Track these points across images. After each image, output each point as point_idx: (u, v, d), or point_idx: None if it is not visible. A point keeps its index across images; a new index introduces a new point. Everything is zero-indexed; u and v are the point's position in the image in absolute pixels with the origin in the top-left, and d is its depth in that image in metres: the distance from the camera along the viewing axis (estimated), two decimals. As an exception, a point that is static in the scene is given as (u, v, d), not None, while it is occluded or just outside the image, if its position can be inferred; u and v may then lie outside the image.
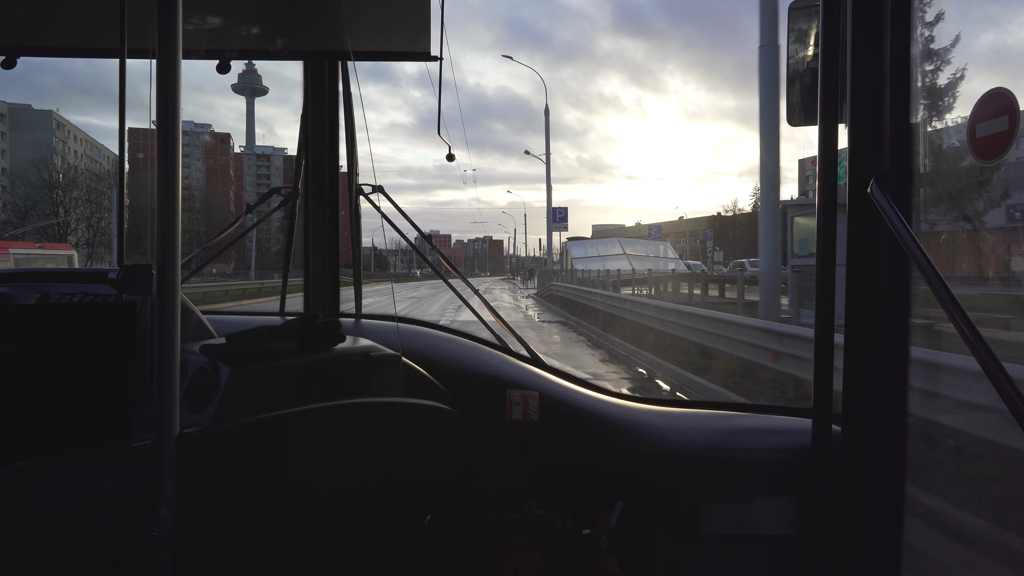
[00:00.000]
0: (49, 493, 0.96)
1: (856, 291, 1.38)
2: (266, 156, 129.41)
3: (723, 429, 1.69)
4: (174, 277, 0.97)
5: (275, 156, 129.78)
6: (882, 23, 1.33)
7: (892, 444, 1.37)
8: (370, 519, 1.31)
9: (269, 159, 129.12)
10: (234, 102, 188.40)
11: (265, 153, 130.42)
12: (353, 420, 1.29)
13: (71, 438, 0.98)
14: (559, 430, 1.68)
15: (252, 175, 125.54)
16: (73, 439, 0.98)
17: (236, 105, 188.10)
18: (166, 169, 0.96)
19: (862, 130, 1.36)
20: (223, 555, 1.10)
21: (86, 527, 0.97)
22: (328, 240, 2.08)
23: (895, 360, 1.36)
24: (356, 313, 2.09)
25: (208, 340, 1.35)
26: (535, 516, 1.67)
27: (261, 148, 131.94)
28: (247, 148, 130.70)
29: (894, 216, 1.21)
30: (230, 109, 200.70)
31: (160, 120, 0.97)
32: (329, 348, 1.39)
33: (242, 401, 1.17)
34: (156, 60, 0.97)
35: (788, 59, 1.60)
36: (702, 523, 1.56)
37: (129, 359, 1.00)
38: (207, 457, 1.06)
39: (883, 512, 1.38)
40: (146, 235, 0.97)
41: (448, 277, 2.27)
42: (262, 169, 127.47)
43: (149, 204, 0.96)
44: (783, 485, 1.55)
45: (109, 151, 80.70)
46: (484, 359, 1.82)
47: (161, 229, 0.96)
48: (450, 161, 2.00)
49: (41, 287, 1.51)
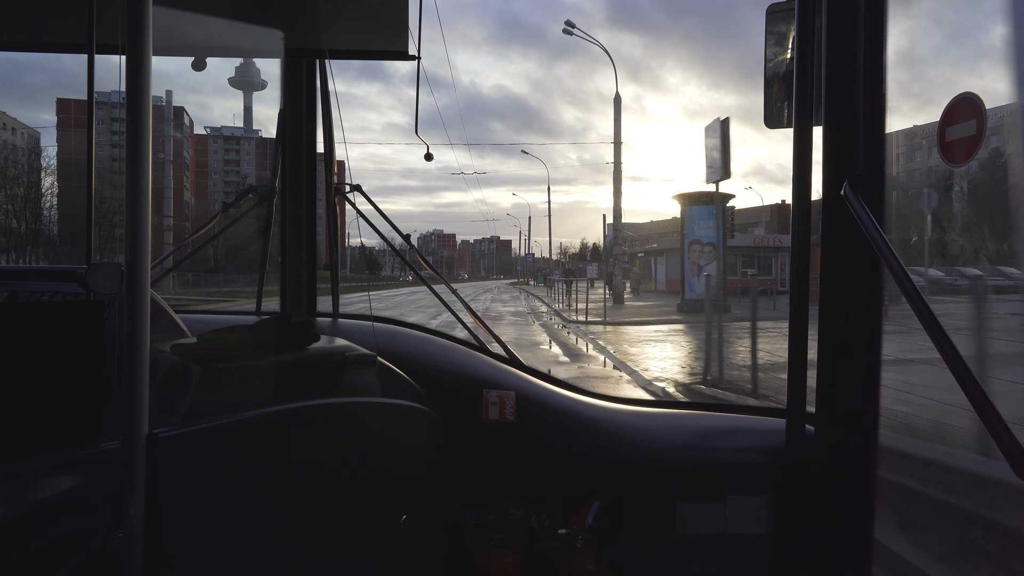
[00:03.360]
0: (15, 495, 0.94)
1: (829, 292, 1.40)
2: (235, 139, 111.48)
3: (699, 429, 1.70)
4: (144, 275, 0.96)
5: (246, 140, 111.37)
6: (856, 26, 1.35)
7: (864, 443, 1.39)
8: (345, 520, 1.30)
9: (239, 142, 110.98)
10: (231, 100, 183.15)
11: (234, 135, 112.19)
12: (328, 420, 1.28)
13: (38, 439, 0.96)
14: (536, 430, 1.68)
15: (219, 160, 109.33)
16: (41, 440, 0.96)
17: (234, 105, 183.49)
18: (136, 167, 0.95)
19: (836, 133, 1.38)
20: (194, 557, 1.08)
21: (53, 529, 0.95)
22: (305, 239, 2.06)
23: (867, 360, 1.38)
24: (333, 313, 2.08)
25: (180, 339, 1.33)
26: (512, 516, 1.67)
27: (230, 130, 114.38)
28: (213, 129, 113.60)
29: (866, 219, 1.23)
30: (226, 110, 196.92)
31: (130, 118, 0.95)
32: (303, 348, 1.37)
33: (213, 401, 1.16)
34: (126, 56, 0.95)
35: (766, 62, 1.62)
36: (677, 523, 1.57)
37: (97, 358, 0.98)
38: (177, 457, 1.05)
39: (855, 511, 1.40)
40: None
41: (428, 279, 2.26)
42: (230, 154, 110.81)
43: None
44: (757, 485, 1.57)
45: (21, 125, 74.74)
46: (461, 359, 1.82)
47: (131, 227, 0.94)
48: (428, 161, 2.00)
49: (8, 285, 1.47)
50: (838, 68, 1.37)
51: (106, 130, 74.45)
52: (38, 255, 52.00)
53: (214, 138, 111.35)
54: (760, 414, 1.73)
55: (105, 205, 20.93)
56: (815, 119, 1.41)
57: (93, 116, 1.07)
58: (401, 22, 1.71)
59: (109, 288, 0.95)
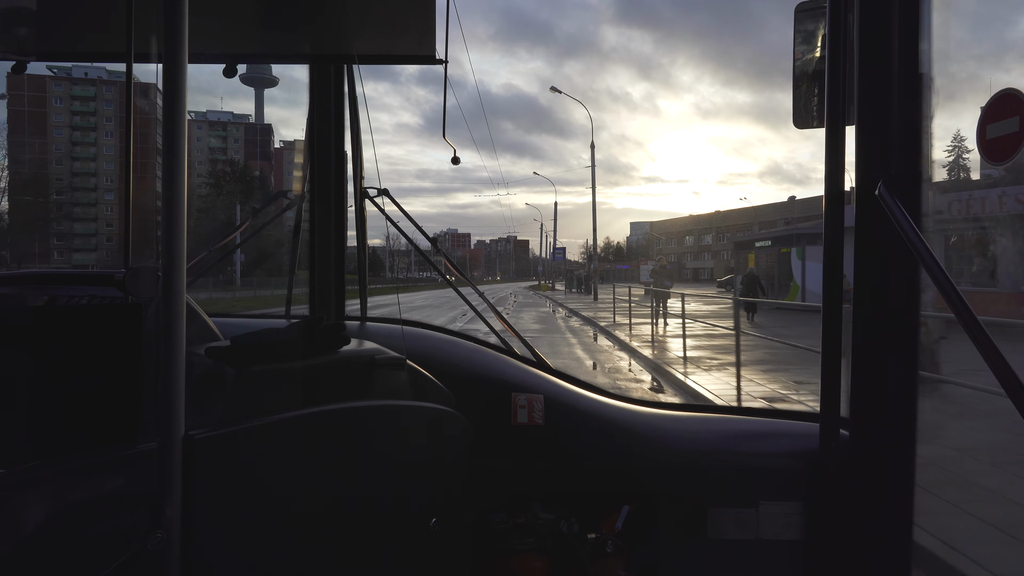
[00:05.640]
0: (54, 495, 0.97)
1: (863, 294, 1.37)
2: (222, 124, 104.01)
3: (729, 433, 1.67)
4: (180, 279, 0.97)
5: (234, 126, 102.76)
6: (890, 23, 1.32)
7: (900, 448, 1.36)
8: (375, 522, 1.31)
9: (226, 128, 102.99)
10: (242, 101, 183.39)
11: (221, 121, 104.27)
12: (358, 423, 1.29)
13: (77, 440, 0.98)
14: (565, 434, 1.67)
15: (203, 148, 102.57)
16: (79, 441, 0.98)
17: (245, 105, 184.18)
18: (172, 171, 0.97)
19: (869, 132, 1.35)
20: (229, 557, 1.10)
21: (92, 529, 0.97)
22: (334, 243, 2.09)
23: (903, 363, 1.35)
24: (361, 316, 2.10)
25: (214, 343, 1.35)
26: (540, 520, 1.67)
27: (216, 115, 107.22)
28: (198, 114, 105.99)
29: (903, 218, 1.20)
30: (240, 111, 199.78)
31: (166, 124, 0.97)
32: (334, 351, 1.39)
33: (247, 403, 1.17)
34: (163, 64, 0.97)
35: (795, 60, 1.60)
36: (708, 528, 1.55)
37: (135, 361, 1.00)
38: (212, 459, 1.07)
39: (891, 517, 1.36)
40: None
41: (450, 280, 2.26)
42: (215, 140, 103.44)
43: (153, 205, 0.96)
44: (790, 490, 1.54)
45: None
46: (489, 362, 1.82)
47: (167, 231, 0.96)
48: (455, 164, 2.01)
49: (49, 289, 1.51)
50: (871, 65, 1.34)
51: (65, 110, 72.71)
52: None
53: (198, 123, 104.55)
54: (793, 418, 1.70)
55: (64, 196, 20.26)
56: (848, 118, 1.38)
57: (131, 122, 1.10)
58: (428, 26, 1.72)
59: (146, 292, 0.97)
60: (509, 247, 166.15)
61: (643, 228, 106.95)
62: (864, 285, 1.37)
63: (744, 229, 71.73)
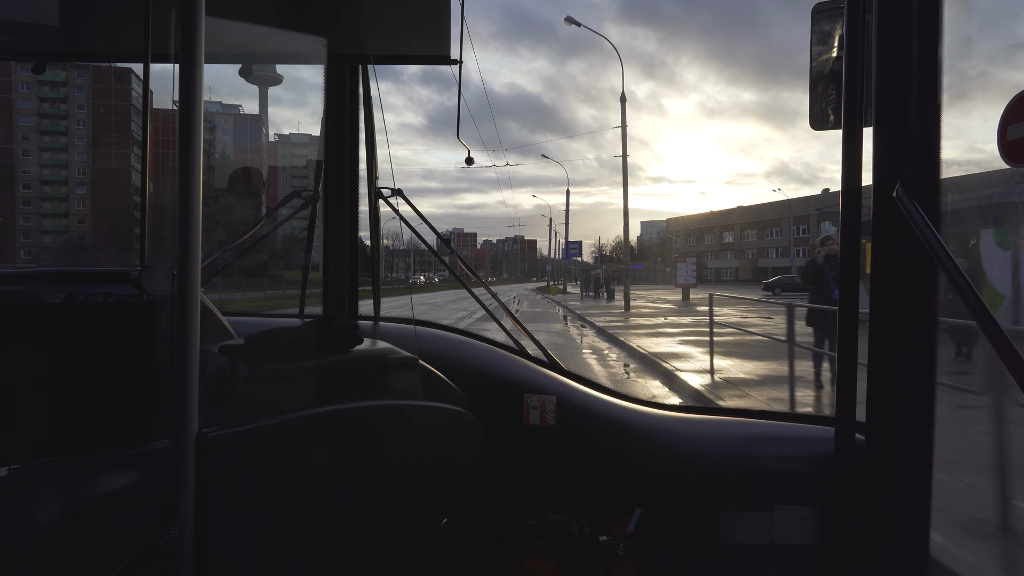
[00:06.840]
0: (68, 491, 0.98)
1: (880, 295, 1.35)
2: (207, 114, 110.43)
3: (743, 436, 1.66)
4: (194, 277, 0.98)
5: (222, 116, 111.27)
6: (909, 23, 1.30)
7: (917, 453, 1.34)
8: (387, 521, 1.31)
9: (213, 118, 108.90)
10: (247, 100, 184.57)
11: (207, 110, 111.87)
12: (369, 422, 1.29)
13: (92, 436, 0.99)
14: (577, 435, 1.67)
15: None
16: (94, 437, 0.99)
17: (249, 106, 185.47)
18: (188, 171, 0.98)
19: (887, 133, 1.33)
20: (242, 554, 1.11)
21: (106, 525, 0.98)
22: (347, 243, 2.09)
23: (922, 367, 1.33)
24: (374, 316, 2.10)
25: (228, 341, 1.36)
26: (552, 521, 1.66)
27: (205, 104, 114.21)
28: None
29: (920, 220, 1.18)
30: (245, 110, 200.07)
31: (182, 124, 0.98)
32: (347, 350, 1.39)
33: (260, 401, 1.18)
34: (179, 65, 0.98)
35: (811, 61, 1.58)
36: (721, 531, 1.54)
37: (149, 358, 1.01)
38: (225, 456, 1.07)
39: (909, 523, 1.34)
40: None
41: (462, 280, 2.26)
42: (203, 133, 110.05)
43: (169, 203, 0.97)
44: (805, 494, 1.52)
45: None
46: (501, 363, 1.81)
47: (182, 229, 0.97)
48: (469, 165, 2.01)
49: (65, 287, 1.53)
50: (889, 66, 1.32)
51: (32, 95, 72.24)
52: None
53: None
54: (807, 422, 1.68)
55: (30, 190, 18.57)
56: (865, 120, 1.36)
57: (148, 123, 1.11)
58: (443, 26, 1.72)
59: (161, 290, 0.97)
60: (516, 247, 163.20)
61: (654, 227, 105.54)
62: (881, 286, 1.35)
63: (773, 225, 68.39)
